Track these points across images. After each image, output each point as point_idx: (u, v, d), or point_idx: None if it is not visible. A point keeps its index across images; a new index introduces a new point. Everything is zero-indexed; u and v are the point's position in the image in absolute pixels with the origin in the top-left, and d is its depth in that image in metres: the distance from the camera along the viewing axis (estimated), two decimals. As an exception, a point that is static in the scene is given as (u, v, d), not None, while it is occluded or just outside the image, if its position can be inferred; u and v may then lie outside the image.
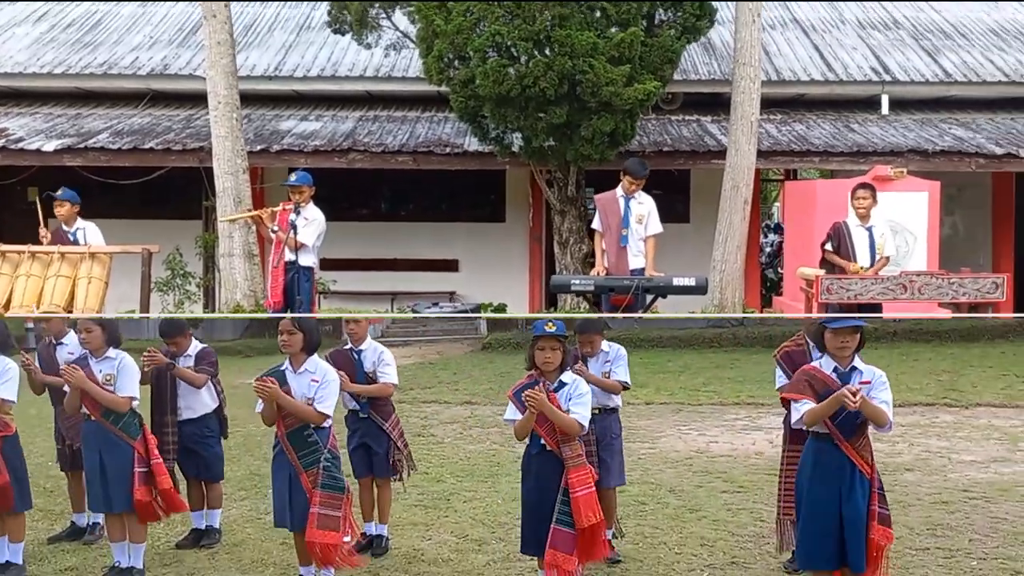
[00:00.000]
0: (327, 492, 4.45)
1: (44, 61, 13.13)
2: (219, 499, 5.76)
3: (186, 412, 5.54)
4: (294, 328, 4.48)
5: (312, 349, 4.55)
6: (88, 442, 4.93)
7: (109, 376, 4.82)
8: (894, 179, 9.13)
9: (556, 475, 4.15)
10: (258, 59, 13.34)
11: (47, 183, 12.44)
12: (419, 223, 13.55)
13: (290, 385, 4.48)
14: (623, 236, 7.45)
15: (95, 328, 4.83)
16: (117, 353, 4.89)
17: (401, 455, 5.43)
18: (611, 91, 9.44)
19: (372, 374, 5.29)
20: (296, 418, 4.47)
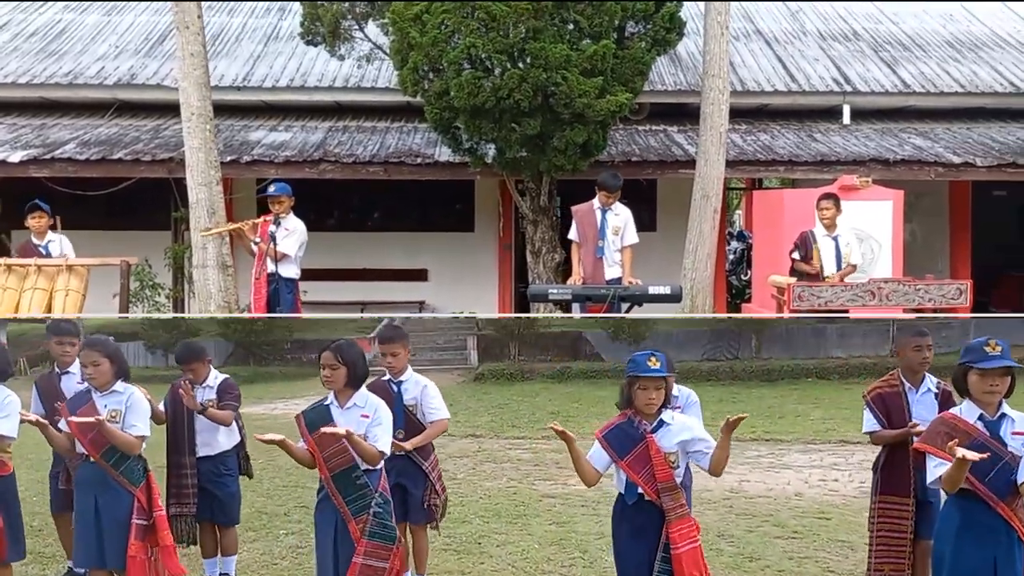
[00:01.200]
0: (376, 542, 3.99)
1: (7, 71, 12.94)
2: (234, 544, 5.32)
3: (202, 449, 5.10)
4: (337, 362, 4.06)
5: (359, 382, 4.15)
6: (83, 486, 4.41)
7: (115, 413, 4.33)
8: (860, 188, 9.40)
9: (655, 528, 3.74)
10: (226, 69, 13.28)
11: (11, 194, 12.35)
12: (388, 233, 13.58)
13: (336, 422, 4.05)
14: (599, 247, 7.62)
15: (103, 361, 4.31)
16: (125, 387, 4.40)
17: (438, 499, 4.96)
18: (584, 103, 9.59)
19: (413, 408, 4.86)
20: (344, 459, 4.02)
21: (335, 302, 12.91)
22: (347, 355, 4.07)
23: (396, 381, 4.88)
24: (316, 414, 4.12)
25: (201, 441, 5.07)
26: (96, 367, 4.30)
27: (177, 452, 5.06)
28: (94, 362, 4.29)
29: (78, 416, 4.24)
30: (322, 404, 4.15)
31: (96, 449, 4.28)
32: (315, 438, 4.04)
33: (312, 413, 4.14)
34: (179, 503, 5.01)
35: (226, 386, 5.13)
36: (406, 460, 4.77)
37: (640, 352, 3.81)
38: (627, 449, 3.78)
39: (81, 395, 4.41)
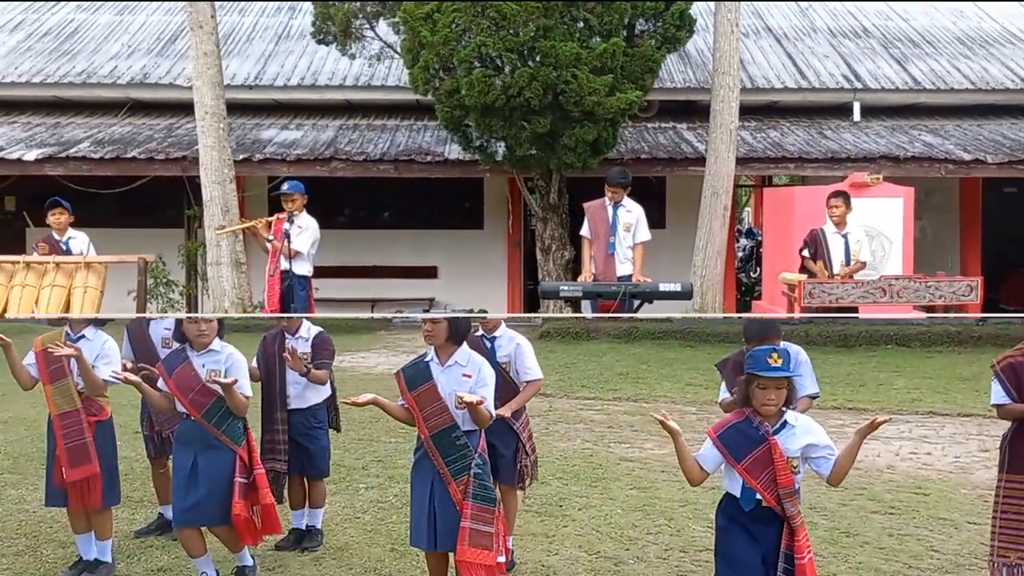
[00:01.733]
0: (479, 504, 3.86)
1: (22, 70, 13.05)
2: (323, 497, 5.26)
3: (294, 402, 5.02)
4: (433, 325, 3.92)
5: (460, 338, 3.96)
6: (183, 444, 4.36)
7: (215, 372, 4.24)
8: (871, 185, 9.42)
9: (772, 536, 3.43)
10: (238, 68, 13.37)
11: (26, 193, 12.47)
12: (398, 230, 13.65)
13: (437, 381, 3.93)
14: (611, 243, 7.64)
15: (211, 321, 4.31)
16: (222, 346, 4.34)
17: (528, 460, 4.77)
18: (594, 100, 9.64)
19: (505, 366, 4.61)
20: (444, 418, 3.90)
21: (346, 299, 12.99)
22: (452, 322, 3.89)
23: (489, 337, 4.65)
24: (415, 371, 3.97)
25: (293, 394, 5.00)
26: (209, 322, 4.29)
27: (270, 407, 5.03)
28: (208, 319, 4.32)
29: (178, 378, 4.27)
30: (422, 360, 4.00)
31: (197, 409, 4.25)
32: (415, 395, 3.92)
33: (411, 370, 3.99)
34: (273, 458, 4.95)
35: (321, 341, 5.04)
36: (497, 420, 4.46)
37: (760, 347, 3.52)
38: (745, 451, 3.42)
39: (176, 355, 4.36)
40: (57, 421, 4.56)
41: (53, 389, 4.56)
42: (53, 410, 4.58)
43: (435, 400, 3.91)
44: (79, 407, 4.55)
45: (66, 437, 4.54)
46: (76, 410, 4.55)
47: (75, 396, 4.56)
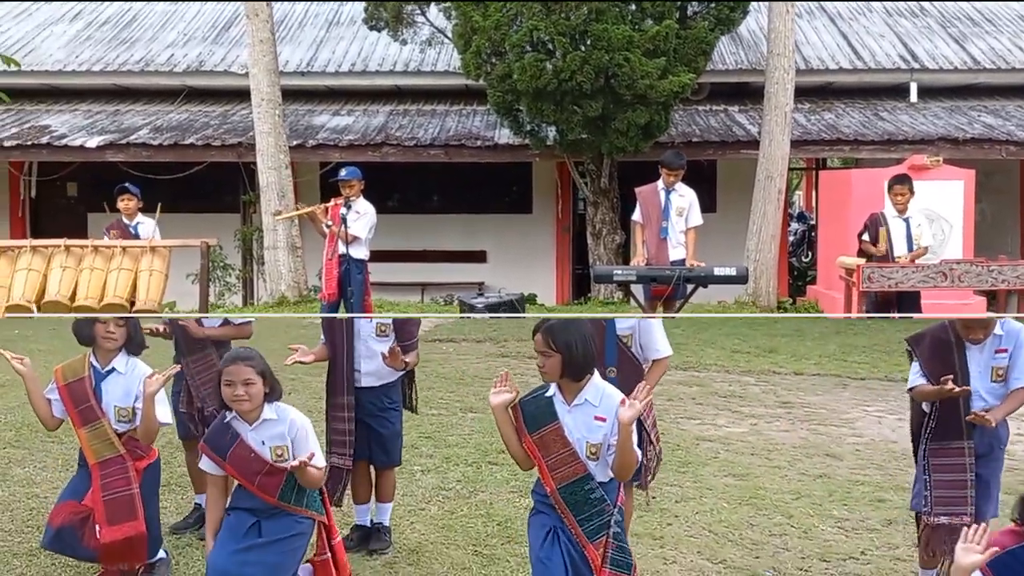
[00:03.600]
0: (616, 572, 3.14)
1: (82, 59, 13.37)
2: (392, 490, 4.60)
3: (366, 379, 4.33)
4: (549, 348, 3.09)
5: (581, 371, 3.12)
6: (244, 509, 3.45)
7: (281, 450, 3.33)
8: (930, 168, 9.25)
9: None
10: (290, 55, 13.53)
11: (87, 179, 12.80)
12: (447, 215, 13.72)
13: (563, 423, 3.14)
14: (663, 228, 7.61)
15: (256, 380, 3.27)
16: (278, 411, 3.37)
17: (653, 452, 4.06)
18: (646, 84, 9.59)
19: (627, 341, 3.98)
20: (575, 467, 3.13)
21: (396, 283, 13.13)
22: (560, 338, 3.08)
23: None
24: (536, 408, 3.21)
25: (365, 370, 4.31)
26: (248, 387, 3.26)
27: (335, 392, 4.33)
28: (246, 380, 3.25)
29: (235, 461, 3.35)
30: (542, 394, 3.22)
31: (270, 492, 3.36)
32: (536, 438, 3.16)
33: (531, 405, 3.22)
34: (339, 452, 4.30)
35: (403, 323, 4.43)
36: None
37: None
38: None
39: (221, 430, 3.40)
40: (96, 470, 3.73)
41: (87, 433, 3.73)
42: (91, 457, 3.75)
43: (562, 446, 3.15)
44: (122, 452, 3.73)
45: (106, 488, 3.71)
46: (119, 456, 3.73)
47: (115, 440, 3.74)
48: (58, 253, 6.72)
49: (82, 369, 3.78)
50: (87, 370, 3.77)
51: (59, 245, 6.75)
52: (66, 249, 6.77)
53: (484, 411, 7.03)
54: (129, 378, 3.76)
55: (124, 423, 3.78)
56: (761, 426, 7.01)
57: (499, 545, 4.55)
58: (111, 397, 3.75)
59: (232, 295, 11.95)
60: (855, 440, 6.61)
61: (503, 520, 4.84)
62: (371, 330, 4.31)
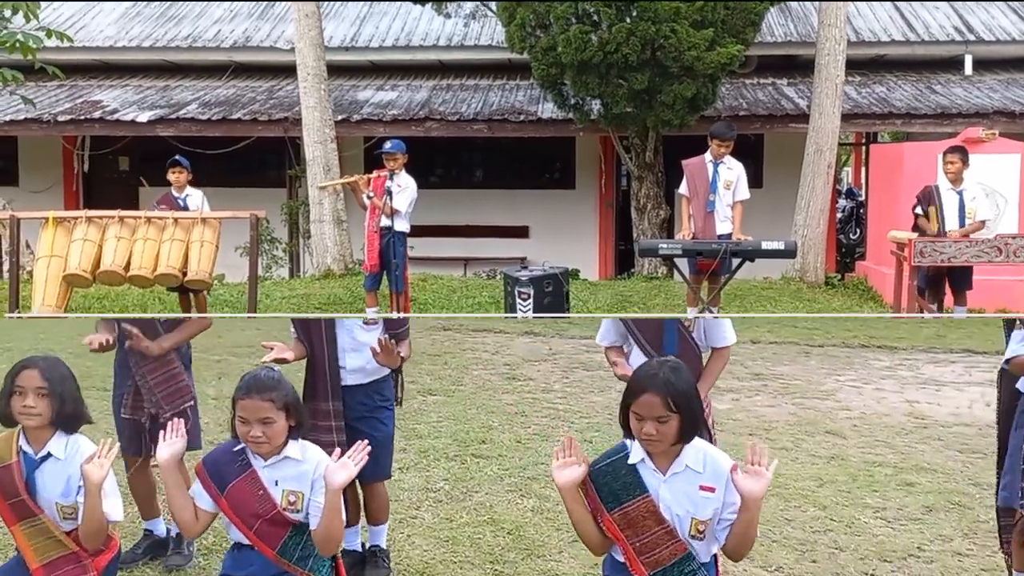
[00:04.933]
0: None
1: (132, 35, 13.57)
2: (386, 507, 3.91)
3: (351, 377, 3.68)
4: (670, 411, 2.46)
5: (696, 429, 2.56)
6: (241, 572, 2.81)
7: (295, 498, 2.73)
8: (985, 141, 9.01)
9: None
10: (334, 30, 13.59)
11: (138, 153, 13.03)
12: (490, 190, 13.73)
13: (656, 495, 2.56)
14: (710, 201, 7.52)
15: (278, 417, 2.67)
16: (306, 450, 2.78)
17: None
18: (693, 56, 9.47)
19: (688, 324, 3.64)
20: (675, 547, 2.56)
21: (439, 258, 13.21)
22: (683, 395, 2.48)
23: None
24: (614, 477, 2.58)
25: (351, 367, 3.67)
26: (267, 426, 2.66)
27: (316, 396, 3.64)
28: (265, 419, 2.66)
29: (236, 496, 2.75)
30: (621, 458, 2.61)
31: (269, 543, 2.76)
32: (617, 516, 2.57)
33: (607, 476, 2.59)
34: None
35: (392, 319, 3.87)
36: None
37: None
38: None
39: (229, 456, 2.78)
40: (41, 574, 2.84)
41: (24, 531, 2.85)
42: (32, 560, 2.85)
43: (656, 524, 2.56)
44: (75, 548, 2.86)
45: None
46: (72, 554, 2.86)
47: (63, 537, 2.85)
48: (112, 224, 6.83)
49: (8, 454, 2.83)
50: (15, 455, 2.83)
51: (113, 216, 6.86)
52: (120, 220, 6.88)
53: (444, 393, 7.00)
54: (70, 465, 2.80)
55: (70, 520, 2.84)
56: (744, 401, 6.88)
57: (520, 561, 3.97)
58: (49, 492, 2.81)
59: (279, 268, 12.13)
60: (847, 414, 6.51)
61: (513, 528, 4.31)
62: (357, 321, 3.73)
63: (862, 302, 9.46)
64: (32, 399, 2.73)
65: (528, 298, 7.31)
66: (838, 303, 9.35)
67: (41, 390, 2.74)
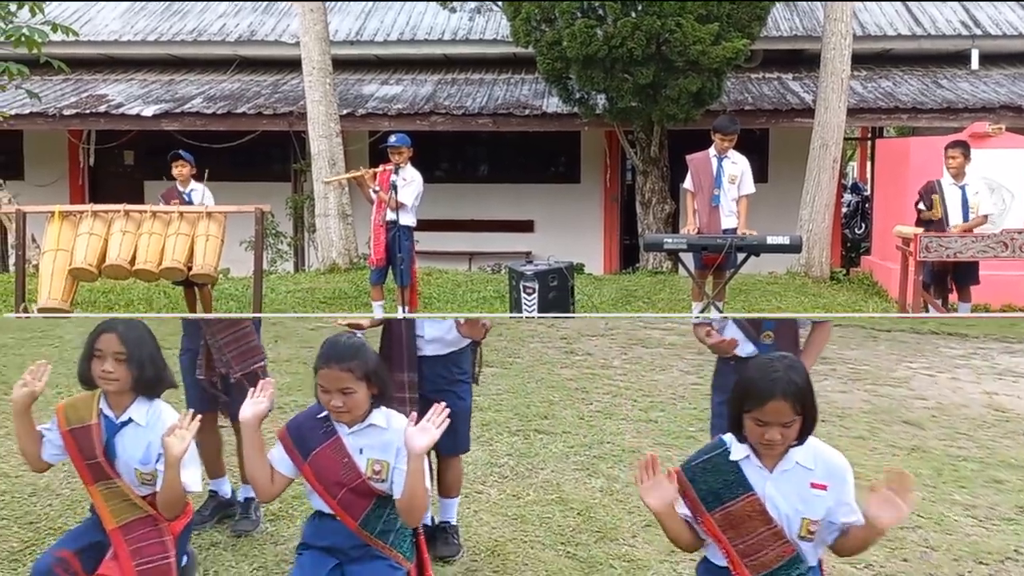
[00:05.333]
0: None
1: (137, 29, 13.58)
2: (459, 482, 3.79)
3: (429, 347, 3.52)
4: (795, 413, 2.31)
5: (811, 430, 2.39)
6: (319, 548, 2.76)
7: (380, 467, 2.66)
8: (991, 135, 8.99)
9: None
10: (339, 24, 13.59)
11: (143, 147, 13.05)
12: (495, 184, 13.72)
13: (763, 494, 2.41)
14: (715, 196, 7.51)
15: (358, 387, 2.59)
16: (391, 418, 2.71)
17: None
18: (699, 50, 9.45)
19: None
20: (778, 550, 2.39)
21: (444, 252, 13.21)
22: (808, 393, 2.33)
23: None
24: (715, 476, 2.44)
25: (429, 336, 3.51)
26: (348, 396, 2.59)
27: (391, 366, 3.38)
28: (345, 389, 2.58)
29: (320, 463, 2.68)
30: (721, 454, 2.46)
31: (351, 513, 2.69)
32: (720, 516, 2.43)
33: (707, 473, 2.45)
34: None
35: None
36: None
37: None
38: None
39: (313, 424, 2.71)
40: (118, 536, 2.81)
41: (101, 491, 2.85)
42: (109, 521, 2.83)
43: (762, 524, 2.39)
44: (151, 511, 2.84)
45: (136, 556, 2.80)
46: (148, 516, 2.84)
47: (139, 500, 2.84)
48: (118, 218, 6.84)
49: (89, 414, 2.82)
50: (95, 416, 2.81)
51: (119, 210, 6.88)
52: (126, 214, 6.90)
53: (501, 365, 6.86)
54: (150, 431, 2.77)
55: (148, 486, 2.82)
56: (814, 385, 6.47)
57: (593, 544, 3.83)
58: (128, 456, 2.79)
59: (284, 262, 12.14)
60: (923, 404, 6.23)
61: (583, 509, 4.18)
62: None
63: (867, 297, 9.44)
64: (111, 364, 2.69)
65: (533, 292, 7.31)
66: (843, 298, 9.32)
67: (119, 355, 2.69)
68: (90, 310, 8.88)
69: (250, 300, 7.68)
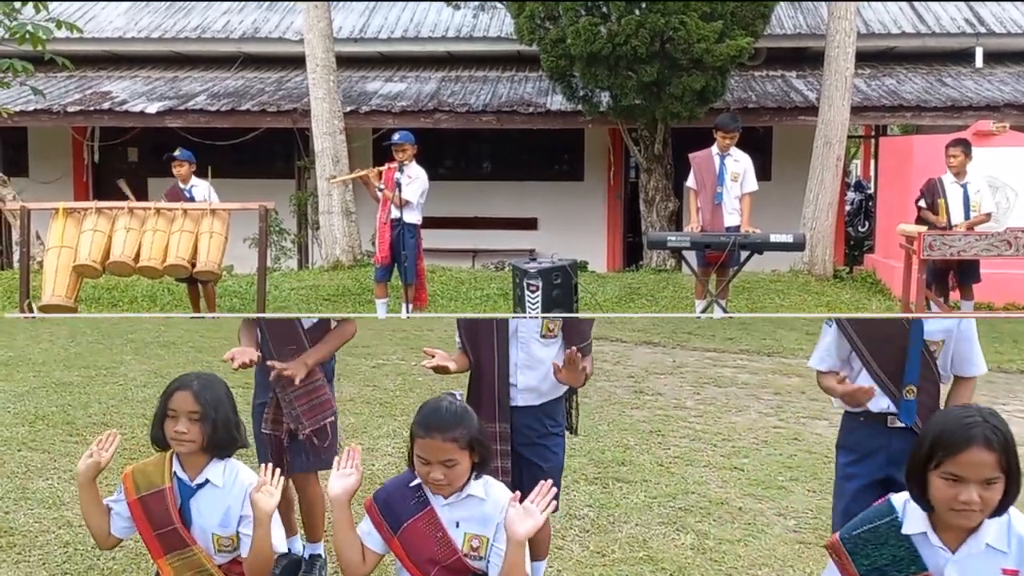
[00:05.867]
0: None
1: (141, 26, 13.60)
2: (547, 542, 3.53)
3: (523, 397, 3.20)
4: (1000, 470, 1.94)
5: (1014, 497, 2.03)
6: None
7: (478, 543, 2.44)
8: (996, 134, 8.98)
9: None
10: (343, 21, 13.59)
11: (147, 144, 13.07)
12: (499, 182, 13.73)
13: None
14: (718, 193, 7.52)
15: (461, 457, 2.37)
16: (489, 488, 2.49)
17: None
18: (702, 48, 9.45)
19: (935, 348, 3.01)
20: None
21: (447, 249, 13.22)
22: (1014, 454, 1.95)
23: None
24: (879, 544, 2.09)
25: (523, 385, 3.19)
26: (450, 469, 2.37)
27: (481, 416, 2.75)
28: (447, 461, 2.36)
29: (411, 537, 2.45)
30: (889, 527, 2.09)
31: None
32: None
33: (870, 535, 2.11)
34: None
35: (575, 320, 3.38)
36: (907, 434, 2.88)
37: None
38: None
39: (403, 491, 2.49)
40: None
41: (173, 564, 2.67)
42: None
43: None
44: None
45: None
46: None
47: (214, 570, 2.67)
48: (122, 215, 6.86)
49: (161, 478, 2.65)
50: (168, 479, 2.65)
51: (123, 207, 6.90)
52: (129, 211, 6.91)
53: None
54: (228, 494, 2.61)
55: (225, 553, 2.65)
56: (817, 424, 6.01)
57: None
58: (205, 521, 2.63)
59: (288, 259, 12.16)
60: None
61: (675, 570, 3.83)
62: (534, 330, 3.20)
63: (870, 295, 9.43)
64: (184, 424, 2.53)
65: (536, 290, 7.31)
66: (846, 296, 9.32)
67: (194, 414, 2.53)
68: (94, 307, 8.91)
69: (254, 297, 7.69)
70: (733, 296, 8.30)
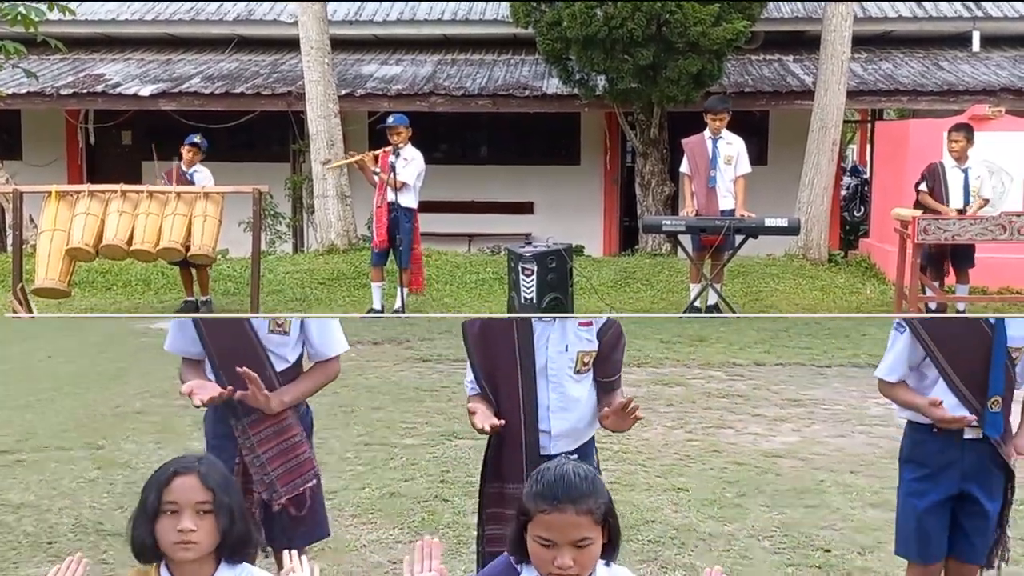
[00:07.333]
0: None
1: (134, 8, 13.49)
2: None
3: (557, 444, 2.71)
4: None
5: None
6: None
7: None
8: (992, 118, 8.97)
9: None
10: (338, 4, 13.47)
11: (141, 127, 13.00)
12: (495, 166, 13.68)
13: None
14: (711, 177, 7.53)
15: (593, 537, 1.83)
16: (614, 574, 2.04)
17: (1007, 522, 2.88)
18: (699, 31, 9.41)
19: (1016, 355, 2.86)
20: None
21: (443, 233, 13.18)
22: None
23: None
24: None
25: (557, 431, 2.72)
26: (582, 551, 1.80)
27: (511, 473, 2.68)
28: (581, 541, 1.81)
29: None
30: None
31: None
32: None
33: None
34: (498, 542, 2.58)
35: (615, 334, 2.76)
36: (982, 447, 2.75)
37: None
38: None
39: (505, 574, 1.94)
40: None
41: None
42: None
43: None
44: None
45: None
46: None
47: None
48: (115, 198, 6.85)
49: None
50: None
51: (116, 190, 6.89)
52: (122, 194, 6.90)
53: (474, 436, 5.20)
54: None
55: None
56: (810, 432, 6.00)
57: None
58: None
59: (282, 243, 12.14)
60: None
61: None
62: (567, 367, 2.69)
63: (865, 280, 9.45)
64: (191, 519, 1.86)
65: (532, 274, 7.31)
66: (841, 280, 9.33)
67: (203, 505, 1.88)
68: (87, 291, 8.89)
69: (248, 281, 7.68)
70: (728, 280, 8.31)
